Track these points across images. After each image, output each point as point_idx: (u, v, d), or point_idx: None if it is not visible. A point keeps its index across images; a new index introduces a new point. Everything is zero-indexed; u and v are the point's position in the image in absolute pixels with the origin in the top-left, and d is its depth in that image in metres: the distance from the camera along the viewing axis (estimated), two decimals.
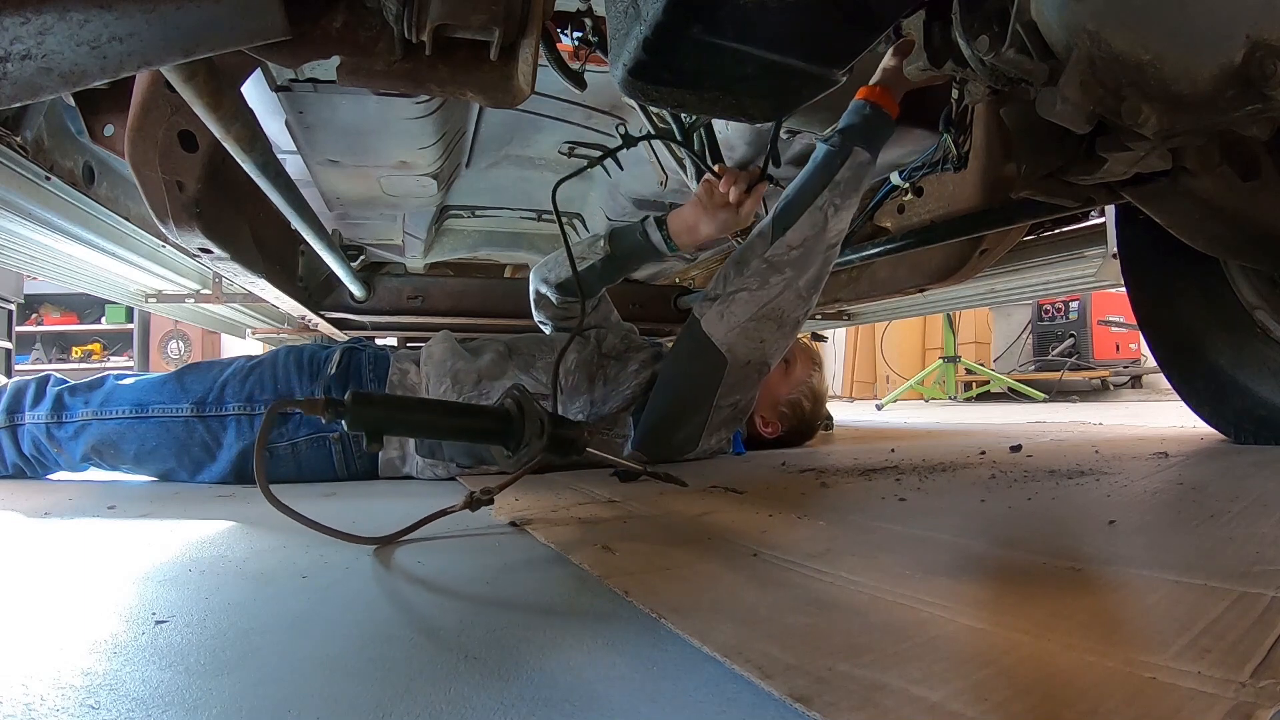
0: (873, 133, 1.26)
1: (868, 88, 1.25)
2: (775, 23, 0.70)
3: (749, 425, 1.64)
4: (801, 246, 1.30)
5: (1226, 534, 0.68)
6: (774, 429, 1.69)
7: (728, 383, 1.36)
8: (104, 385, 1.38)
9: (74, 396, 1.36)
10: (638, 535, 0.79)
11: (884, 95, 1.24)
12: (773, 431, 1.70)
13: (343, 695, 0.41)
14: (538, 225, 2.43)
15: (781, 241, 1.30)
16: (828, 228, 1.29)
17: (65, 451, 1.35)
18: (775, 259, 1.31)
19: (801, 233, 1.29)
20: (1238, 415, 1.33)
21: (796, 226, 1.29)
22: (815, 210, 1.28)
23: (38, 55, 0.53)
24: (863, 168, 1.27)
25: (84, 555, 0.77)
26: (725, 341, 1.33)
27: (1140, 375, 5.38)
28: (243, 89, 0.90)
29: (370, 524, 0.84)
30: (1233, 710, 0.34)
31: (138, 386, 1.36)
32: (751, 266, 1.32)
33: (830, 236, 1.30)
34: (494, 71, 0.71)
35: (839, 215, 1.29)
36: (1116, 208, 1.46)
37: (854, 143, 1.25)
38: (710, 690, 0.41)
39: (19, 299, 4.54)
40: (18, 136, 1.17)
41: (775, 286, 1.31)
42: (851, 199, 1.29)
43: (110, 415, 1.33)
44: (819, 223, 1.29)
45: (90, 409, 1.33)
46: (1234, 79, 0.67)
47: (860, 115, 1.26)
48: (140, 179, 1.10)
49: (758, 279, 1.32)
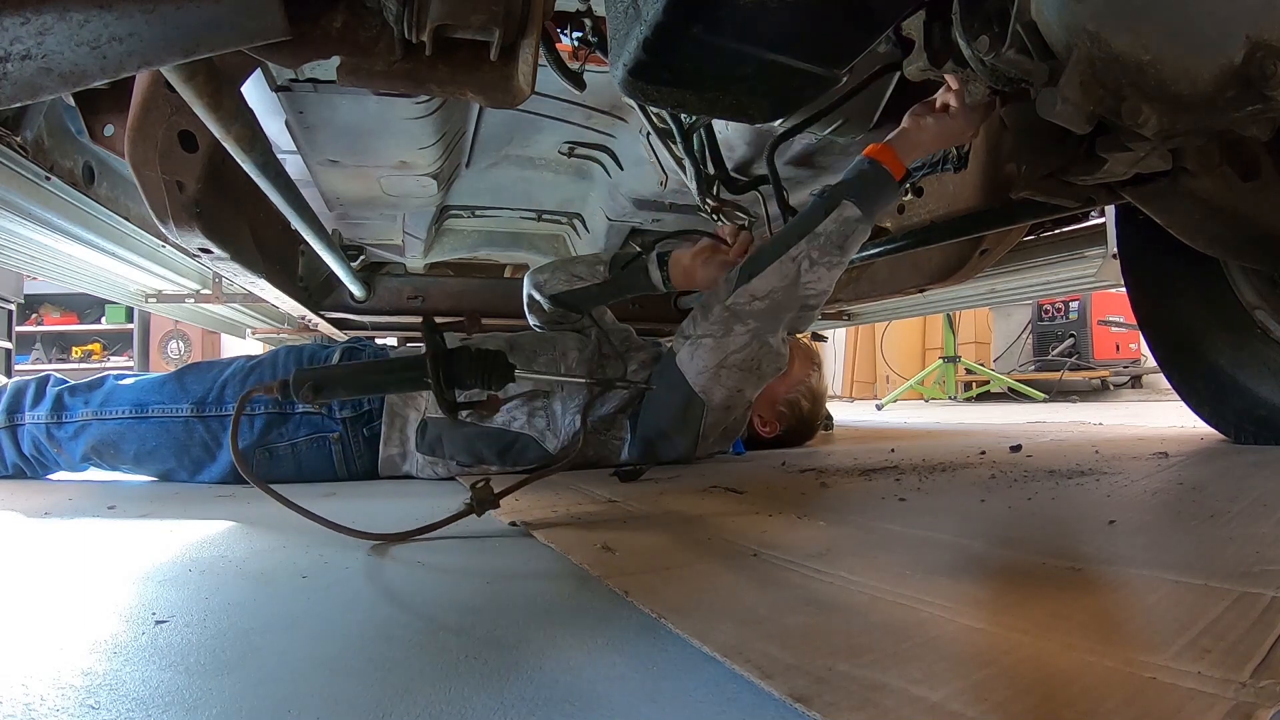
0: (868, 190, 1.18)
1: (875, 145, 1.19)
2: (775, 23, 0.70)
3: (748, 425, 1.64)
4: (767, 298, 1.22)
5: (1226, 534, 0.68)
6: (772, 428, 1.69)
7: (709, 419, 1.32)
8: (104, 385, 1.37)
9: (74, 397, 1.35)
10: (638, 535, 0.79)
11: (886, 152, 1.17)
12: (771, 431, 1.69)
13: (343, 695, 0.41)
14: (537, 225, 2.43)
15: (744, 290, 1.23)
16: (800, 281, 1.21)
17: (65, 451, 1.35)
18: (737, 308, 1.24)
19: (768, 282, 1.22)
20: (1238, 415, 1.33)
21: (763, 275, 1.22)
22: (787, 261, 1.20)
23: (38, 55, 0.53)
24: (850, 224, 1.18)
25: (84, 555, 0.77)
26: (698, 384, 1.29)
27: (1140, 375, 5.38)
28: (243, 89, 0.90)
29: (371, 523, 0.84)
30: (1233, 710, 0.34)
31: (138, 387, 1.36)
32: (714, 313, 1.27)
33: (804, 293, 1.22)
34: (494, 71, 0.71)
35: (815, 270, 1.20)
36: (1116, 208, 1.46)
37: (844, 196, 1.18)
38: (710, 690, 0.41)
39: (19, 299, 4.54)
40: (18, 136, 1.17)
41: (740, 336, 1.25)
42: (834, 255, 1.20)
43: (110, 415, 1.32)
44: (789, 274, 1.21)
45: (90, 409, 1.33)
46: (1234, 79, 0.68)
47: (857, 171, 1.19)
48: (140, 179, 1.10)
49: (720, 326, 1.26)
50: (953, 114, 1.12)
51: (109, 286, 2.19)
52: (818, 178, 1.78)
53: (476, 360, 0.91)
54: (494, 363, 0.92)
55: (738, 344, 1.26)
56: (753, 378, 1.30)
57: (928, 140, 1.16)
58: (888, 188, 1.18)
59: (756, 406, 1.59)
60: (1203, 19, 0.66)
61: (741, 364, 1.27)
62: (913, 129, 1.16)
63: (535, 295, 1.59)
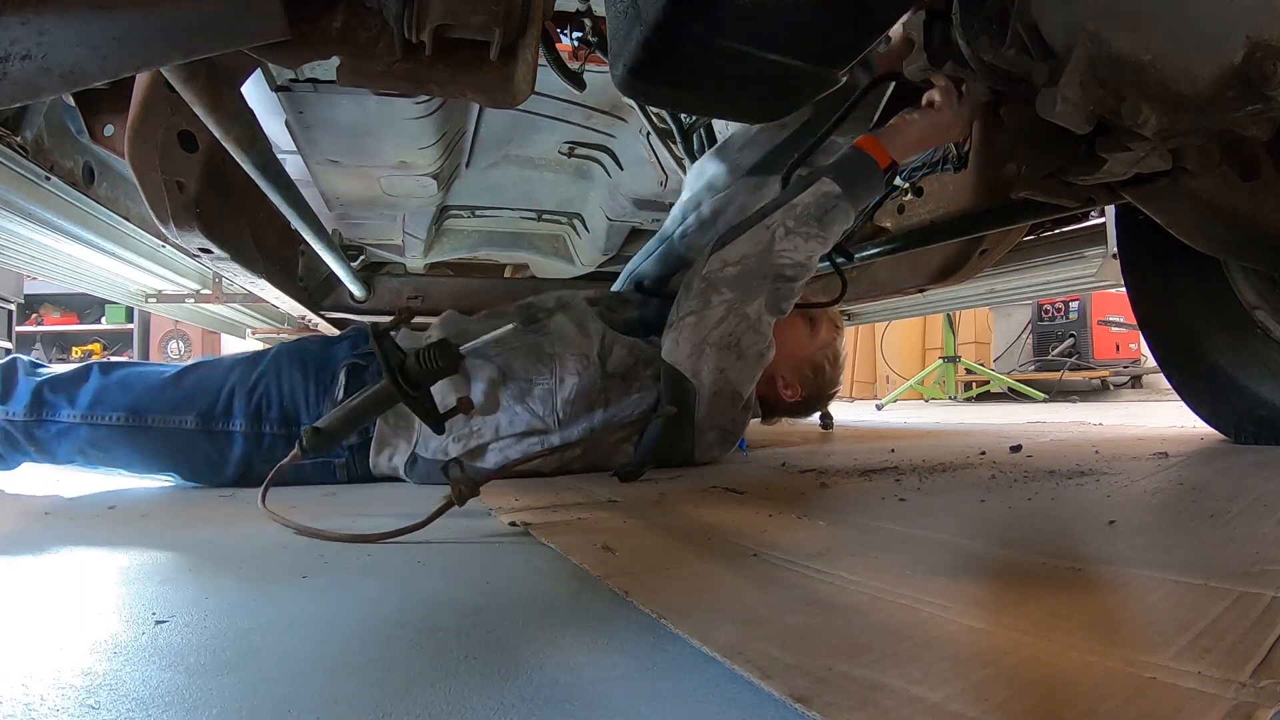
0: (850, 172, 1.19)
1: (866, 135, 1.21)
2: (775, 23, 0.70)
3: (769, 388, 1.56)
4: (739, 264, 1.22)
5: (1226, 534, 0.68)
6: (794, 392, 1.59)
7: (705, 410, 1.29)
8: (89, 380, 1.26)
9: (56, 394, 1.24)
10: (638, 535, 0.79)
11: (872, 142, 1.18)
12: (793, 395, 1.59)
13: (343, 695, 0.41)
14: (537, 225, 2.43)
15: (717, 256, 1.24)
16: (774, 249, 1.21)
17: (45, 450, 1.26)
18: (712, 275, 1.24)
19: (740, 249, 1.22)
20: (1238, 415, 1.33)
21: (735, 243, 1.23)
22: (761, 229, 1.21)
23: (38, 55, 0.53)
24: (829, 199, 1.19)
25: (84, 555, 0.77)
26: (687, 367, 1.27)
27: (1140, 375, 5.38)
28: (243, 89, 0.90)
29: (368, 524, 0.84)
30: (1233, 710, 0.34)
31: (132, 388, 1.26)
32: (694, 287, 1.26)
33: (778, 260, 1.21)
34: (494, 72, 0.71)
35: (791, 239, 1.20)
36: (1116, 208, 1.46)
37: (823, 174, 1.20)
38: (710, 690, 0.41)
39: (19, 299, 4.55)
40: (18, 136, 1.17)
41: (718, 308, 1.24)
42: (811, 227, 1.20)
43: (102, 421, 1.24)
44: (762, 241, 1.21)
45: (77, 411, 1.24)
46: (1234, 79, 0.68)
47: (841, 155, 1.21)
48: (140, 179, 1.10)
49: (699, 299, 1.26)
50: (939, 109, 1.14)
51: (109, 286, 2.20)
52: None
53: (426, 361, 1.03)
54: (441, 355, 1.04)
55: (715, 316, 1.25)
56: (733, 356, 1.27)
57: (915, 135, 1.18)
58: (871, 172, 1.19)
59: (779, 367, 1.49)
60: (1203, 19, 0.67)
61: (720, 340, 1.25)
62: (900, 123, 1.18)
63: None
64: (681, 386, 1.28)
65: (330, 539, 0.80)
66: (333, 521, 0.89)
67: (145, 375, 1.30)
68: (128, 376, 1.28)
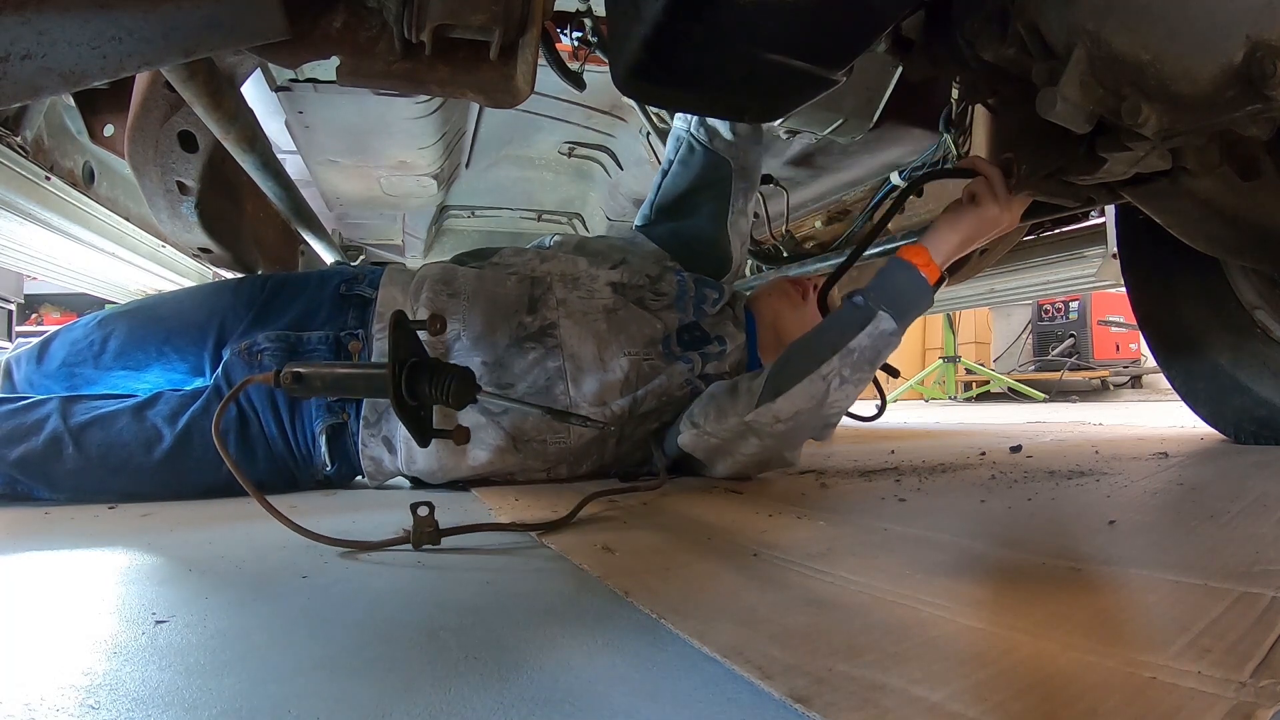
0: (904, 299, 1.07)
1: (911, 246, 1.08)
2: (774, 23, 0.70)
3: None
4: (792, 419, 1.09)
5: (1226, 534, 0.68)
6: None
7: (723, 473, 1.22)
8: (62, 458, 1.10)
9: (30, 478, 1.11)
10: (638, 535, 0.79)
11: (920, 253, 1.06)
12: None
13: (343, 695, 0.41)
14: (537, 225, 2.43)
15: (768, 409, 1.08)
16: (828, 400, 1.08)
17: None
18: (757, 425, 1.10)
19: (794, 403, 1.07)
20: (1238, 415, 1.33)
21: (789, 395, 1.07)
22: (817, 379, 1.06)
23: (38, 55, 0.53)
24: (884, 338, 1.06)
25: (84, 555, 0.77)
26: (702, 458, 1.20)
27: (1140, 375, 5.38)
28: (243, 89, 0.91)
29: (369, 524, 0.84)
30: (1233, 710, 0.34)
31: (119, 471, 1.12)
32: (729, 424, 1.13)
33: (828, 411, 1.10)
34: (494, 71, 0.71)
35: (844, 389, 1.08)
36: (1116, 208, 1.46)
37: (880, 306, 1.05)
38: (710, 690, 0.41)
39: (19, 299, 4.55)
40: (18, 136, 1.17)
41: (751, 447, 1.14)
42: (863, 373, 1.08)
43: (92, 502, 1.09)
44: (818, 394, 1.07)
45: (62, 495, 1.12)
46: (1234, 79, 0.67)
47: (893, 277, 1.07)
48: (140, 179, 1.10)
49: (735, 436, 1.13)
50: (981, 202, 1.05)
51: (109, 286, 2.19)
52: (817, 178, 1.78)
53: (436, 387, 0.83)
54: (457, 380, 0.84)
55: (748, 452, 1.15)
56: (757, 467, 1.21)
57: (961, 239, 1.07)
58: (923, 294, 1.08)
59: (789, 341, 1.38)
60: (1203, 19, 0.66)
61: (748, 462, 1.18)
62: (945, 225, 1.07)
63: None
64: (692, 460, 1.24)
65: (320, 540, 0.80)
66: (333, 522, 0.89)
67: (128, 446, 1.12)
68: (106, 453, 1.11)
